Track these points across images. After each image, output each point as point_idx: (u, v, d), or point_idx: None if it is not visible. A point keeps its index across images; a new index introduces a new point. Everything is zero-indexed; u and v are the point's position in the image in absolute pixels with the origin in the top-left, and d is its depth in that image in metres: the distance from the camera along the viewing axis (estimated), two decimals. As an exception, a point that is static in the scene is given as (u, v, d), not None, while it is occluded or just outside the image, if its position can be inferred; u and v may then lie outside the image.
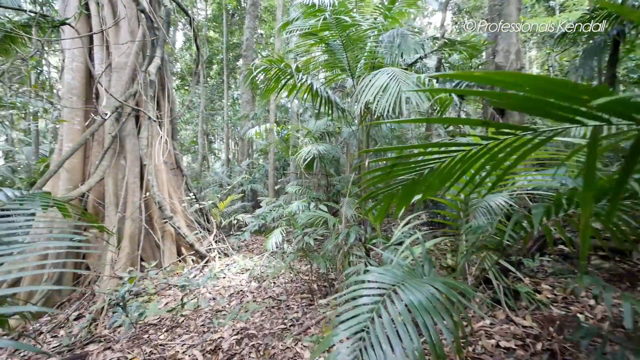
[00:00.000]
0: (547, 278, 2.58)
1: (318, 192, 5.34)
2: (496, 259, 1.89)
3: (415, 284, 1.16)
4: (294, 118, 9.25)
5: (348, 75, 3.18)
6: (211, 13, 14.15)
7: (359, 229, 2.96)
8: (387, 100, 1.97)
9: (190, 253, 4.86)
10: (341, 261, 2.97)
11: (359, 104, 2.09)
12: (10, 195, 1.08)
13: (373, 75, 2.21)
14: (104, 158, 4.12)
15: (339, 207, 3.77)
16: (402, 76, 2.09)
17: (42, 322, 3.61)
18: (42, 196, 1.19)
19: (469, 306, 1.23)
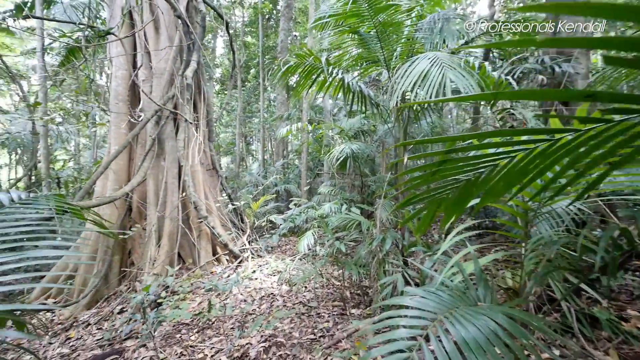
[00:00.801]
0: (634, 301, 2.09)
1: (352, 193, 5.11)
2: (564, 274, 1.53)
3: (468, 314, 0.91)
4: (328, 118, 9.11)
5: (383, 67, 2.92)
6: (248, 18, 14.55)
7: (395, 234, 2.69)
8: (428, 88, 1.71)
9: (225, 253, 4.93)
10: (376, 269, 2.73)
11: (395, 95, 1.84)
12: (15, 197, 1.07)
13: (411, 62, 1.95)
14: (145, 160, 4.32)
15: (374, 210, 3.52)
16: (446, 60, 1.81)
17: (91, 313, 3.86)
18: (56, 199, 1.17)
19: (542, 348, 0.95)
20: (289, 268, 4.46)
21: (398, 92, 1.86)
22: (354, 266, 2.62)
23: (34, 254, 0.75)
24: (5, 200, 0.97)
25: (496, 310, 0.95)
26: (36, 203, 1.04)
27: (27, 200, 1.05)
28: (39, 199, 1.10)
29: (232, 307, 2.35)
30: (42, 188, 6.93)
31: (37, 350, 3.15)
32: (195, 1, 4.90)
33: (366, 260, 2.85)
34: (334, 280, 3.92)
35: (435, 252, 2.36)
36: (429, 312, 0.92)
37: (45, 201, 1.09)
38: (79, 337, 3.29)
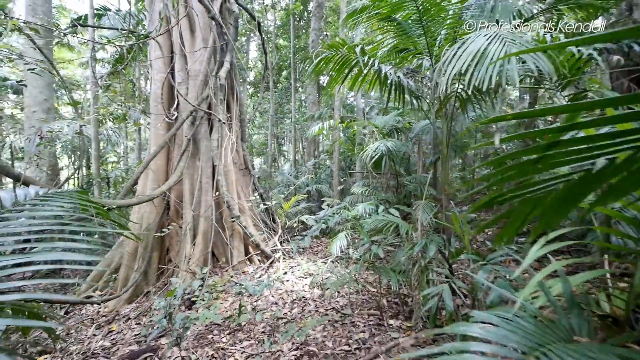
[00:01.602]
0: None
1: (387, 194, 4.83)
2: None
3: (570, 355, 0.66)
4: (360, 116, 8.84)
5: (425, 54, 2.65)
6: (279, 19, 14.72)
7: (439, 239, 2.41)
8: (487, 70, 1.43)
9: (257, 252, 4.91)
10: (417, 277, 2.47)
11: (444, 81, 1.59)
12: (32, 193, 1.02)
13: (462, 42, 1.68)
14: (181, 159, 4.42)
15: (412, 211, 3.23)
16: (508, 36, 1.52)
17: (131, 307, 4.02)
18: (78, 196, 1.12)
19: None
20: (321, 271, 4.30)
21: (446, 78, 1.60)
22: (392, 273, 2.38)
23: (41, 257, 0.67)
24: (19, 196, 0.92)
25: (607, 350, 0.70)
26: (56, 200, 1.00)
27: (45, 198, 1.01)
28: (59, 196, 1.05)
29: (262, 312, 2.23)
30: (94, 188, 7.50)
31: (83, 340, 3.31)
32: (228, 2, 4.95)
33: (405, 267, 2.59)
34: (368, 285, 3.69)
35: (489, 262, 2.05)
36: (512, 350, 0.69)
37: (69, 198, 1.05)
38: (120, 330, 3.41)
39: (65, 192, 1.11)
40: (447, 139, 2.86)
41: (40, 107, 7.00)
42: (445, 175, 2.95)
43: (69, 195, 1.07)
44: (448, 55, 1.68)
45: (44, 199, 0.97)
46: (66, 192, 1.11)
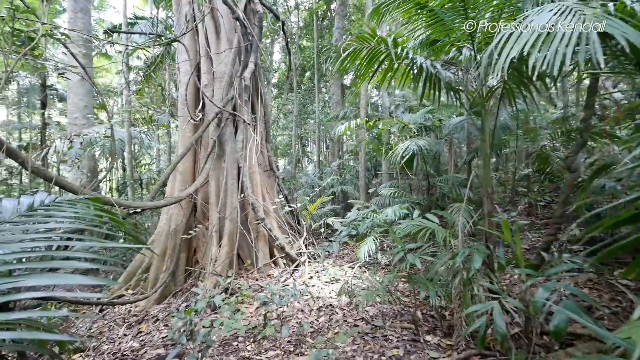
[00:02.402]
0: None
1: (417, 196, 4.54)
2: None
3: None
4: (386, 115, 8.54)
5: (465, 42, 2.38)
6: (302, 20, 14.72)
7: (484, 248, 2.14)
8: (557, 50, 1.18)
9: (282, 255, 4.82)
10: (458, 290, 2.21)
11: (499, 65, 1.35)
12: (37, 202, 0.94)
13: (521, 20, 1.43)
14: (207, 161, 4.43)
15: (449, 216, 2.96)
16: (582, 8, 1.25)
17: (160, 308, 4.06)
18: (84, 202, 1.03)
19: None
20: (349, 278, 4.11)
21: (501, 63, 1.36)
22: (430, 285, 2.15)
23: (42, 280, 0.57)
24: (8, 208, 0.82)
25: None
26: (60, 210, 0.91)
27: (51, 207, 0.93)
28: (67, 205, 0.97)
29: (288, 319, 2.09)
30: (128, 189, 7.83)
31: (114, 340, 3.37)
32: (253, 3, 4.91)
33: (445, 279, 2.34)
34: (399, 294, 3.45)
35: (548, 277, 1.76)
36: None
37: (81, 207, 0.96)
38: (149, 331, 3.44)
39: (73, 200, 1.04)
40: (490, 136, 2.56)
41: (80, 113, 7.42)
42: (487, 176, 2.66)
43: (75, 205, 0.99)
44: (502, 36, 1.44)
45: (47, 209, 0.90)
46: (74, 200, 1.04)
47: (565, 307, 1.50)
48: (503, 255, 2.06)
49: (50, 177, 2.83)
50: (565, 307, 1.50)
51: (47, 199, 0.96)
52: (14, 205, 0.83)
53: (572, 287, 1.67)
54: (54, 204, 0.93)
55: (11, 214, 0.77)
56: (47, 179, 2.96)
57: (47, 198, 0.97)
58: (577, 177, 2.87)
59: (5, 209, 0.79)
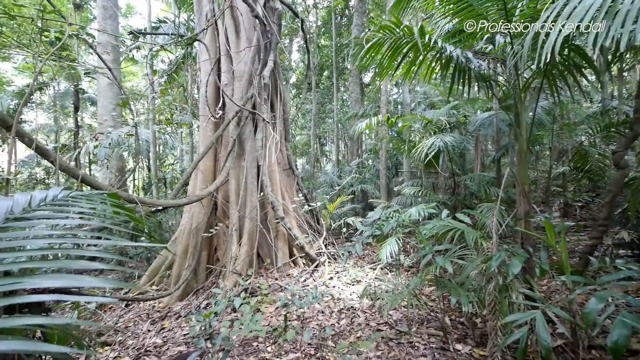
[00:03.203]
0: None
1: (443, 195, 4.33)
2: None
3: None
4: (407, 112, 8.30)
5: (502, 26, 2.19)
6: (321, 18, 14.64)
7: (523, 252, 1.95)
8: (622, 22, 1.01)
9: (301, 255, 4.76)
10: (492, 297, 2.04)
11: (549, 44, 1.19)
12: (50, 196, 0.90)
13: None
14: (227, 160, 4.44)
15: (479, 215, 2.77)
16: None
17: (182, 305, 4.12)
18: (100, 196, 0.99)
19: None
20: (371, 280, 3.98)
21: (551, 43, 1.20)
22: (461, 291, 1.99)
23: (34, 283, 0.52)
24: (20, 203, 0.78)
25: None
26: (72, 205, 0.87)
27: (62, 202, 0.89)
28: (81, 199, 0.94)
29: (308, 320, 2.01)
30: (153, 188, 8.08)
31: (139, 335, 3.44)
32: (272, 1, 4.88)
33: (477, 284, 2.17)
34: (425, 298, 3.29)
35: (601, 286, 1.57)
36: None
37: (97, 200, 0.92)
38: (171, 328, 3.48)
39: (90, 194, 1.01)
40: (528, 130, 2.36)
41: (109, 115, 7.75)
42: (524, 174, 2.45)
43: (91, 199, 0.96)
44: (552, 11, 1.27)
45: (63, 203, 0.86)
46: (91, 194, 1.01)
47: (629, 319, 1.32)
48: (545, 259, 1.87)
49: (77, 174, 2.92)
50: (629, 319, 1.32)
51: (61, 193, 0.93)
52: (25, 199, 0.80)
53: (630, 297, 1.47)
54: (68, 198, 0.90)
55: (22, 209, 0.75)
56: (74, 176, 3.06)
57: (61, 193, 0.94)
58: (626, 174, 2.59)
59: (17, 204, 0.77)
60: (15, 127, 2.62)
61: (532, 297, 1.83)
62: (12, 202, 0.73)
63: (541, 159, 8.71)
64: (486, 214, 3.20)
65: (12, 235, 0.61)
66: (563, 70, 2.02)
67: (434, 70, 2.87)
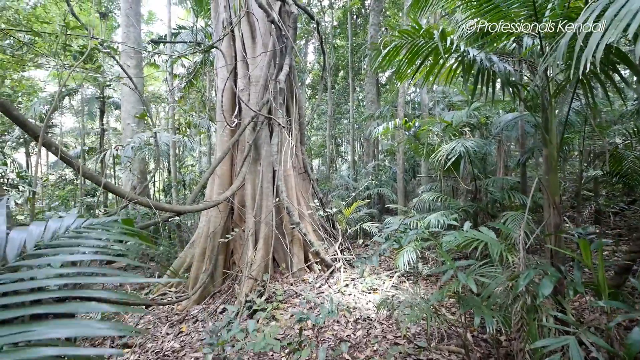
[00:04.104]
0: None
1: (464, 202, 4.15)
2: None
3: None
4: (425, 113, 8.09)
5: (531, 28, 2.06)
6: (336, 18, 14.56)
7: (554, 270, 1.82)
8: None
9: (317, 260, 4.72)
10: (519, 316, 1.91)
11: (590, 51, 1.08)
12: (64, 227, 0.89)
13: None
14: (243, 165, 4.47)
15: (508, 229, 2.63)
16: None
17: (200, 308, 4.18)
18: (110, 225, 0.99)
19: None
20: (388, 287, 3.89)
21: (591, 50, 1.09)
22: (485, 310, 1.88)
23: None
24: (33, 236, 0.76)
25: None
26: (86, 237, 0.86)
27: (76, 233, 0.89)
28: (96, 228, 0.94)
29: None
30: (172, 190, 8.30)
31: (158, 338, 3.52)
32: (287, 4, 4.86)
33: (503, 302, 2.05)
34: (445, 310, 3.16)
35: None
36: None
37: (115, 229, 0.92)
38: (189, 332, 3.54)
39: (104, 222, 1.01)
40: (558, 137, 2.20)
41: (132, 119, 8.03)
42: (555, 183, 2.29)
43: (109, 227, 0.96)
44: (589, 14, 1.15)
45: (78, 234, 0.86)
46: (105, 222, 1.01)
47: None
48: (580, 279, 1.72)
49: (99, 182, 3.01)
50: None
51: (75, 222, 0.93)
52: (39, 231, 0.80)
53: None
54: (82, 228, 0.90)
55: (34, 244, 0.74)
56: (97, 183, 3.16)
57: (75, 222, 0.94)
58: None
59: (31, 236, 0.76)
60: (42, 137, 2.73)
61: (565, 320, 1.70)
62: (26, 235, 0.73)
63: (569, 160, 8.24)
64: (511, 225, 3.04)
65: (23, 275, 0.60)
66: (597, 72, 1.86)
67: (455, 73, 2.75)
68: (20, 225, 0.81)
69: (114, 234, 0.92)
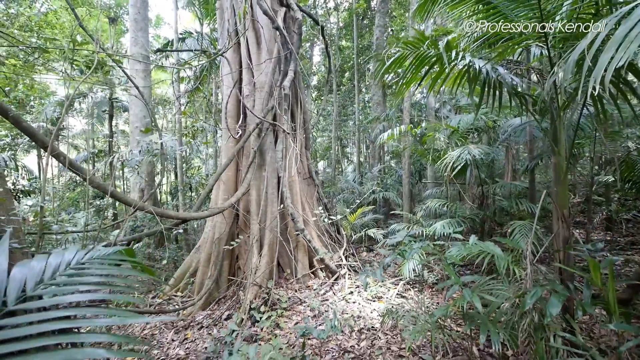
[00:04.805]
0: None
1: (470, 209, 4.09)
2: None
3: None
4: (431, 115, 8.01)
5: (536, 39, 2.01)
6: (342, 20, 14.54)
7: (563, 289, 1.77)
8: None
9: (321, 267, 4.71)
10: (527, 334, 1.87)
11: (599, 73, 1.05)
12: (63, 263, 0.88)
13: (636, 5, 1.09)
14: (248, 171, 4.48)
15: (516, 244, 2.58)
16: None
17: (205, 314, 4.21)
18: (111, 258, 0.98)
19: None
20: (393, 295, 3.85)
21: (600, 72, 1.05)
22: (491, 327, 1.84)
23: None
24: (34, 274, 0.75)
25: None
26: (92, 271, 0.86)
27: (77, 270, 0.88)
28: (99, 261, 0.93)
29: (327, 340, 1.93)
30: (179, 194, 8.39)
31: (163, 345, 3.55)
32: (292, 10, 4.87)
33: (508, 317, 2.01)
34: (450, 321, 3.12)
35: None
36: None
37: (113, 260, 0.92)
38: (194, 339, 3.56)
39: (105, 256, 1.01)
40: (567, 148, 2.15)
41: (140, 122, 8.14)
42: (564, 196, 2.24)
43: (111, 259, 0.96)
44: (597, 33, 1.11)
45: (80, 269, 0.86)
46: (106, 255, 1.01)
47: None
48: (589, 298, 1.68)
49: (107, 190, 3.05)
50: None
51: (76, 256, 0.93)
52: (39, 268, 0.79)
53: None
54: (83, 264, 0.90)
55: (34, 285, 0.74)
56: (104, 191, 3.21)
57: (77, 255, 0.94)
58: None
59: (31, 274, 0.75)
60: (51, 147, 2.78)
61: (574, 342, 1.65)
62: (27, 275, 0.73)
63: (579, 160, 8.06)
64: (519, 236, 2.99)
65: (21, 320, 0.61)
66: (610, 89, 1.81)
67: (461, 81, 2.71)
68: (24, 257, 0.82)
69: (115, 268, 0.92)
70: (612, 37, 1.12)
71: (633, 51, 0.98)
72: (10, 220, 1.83)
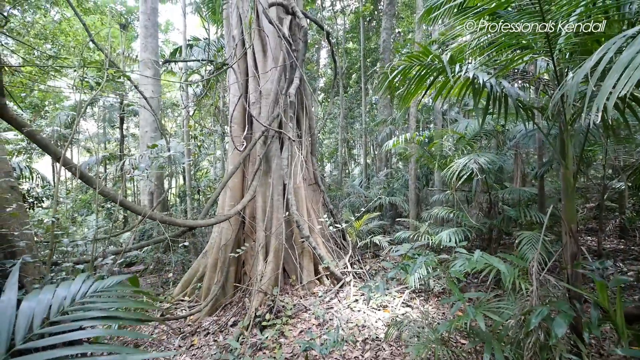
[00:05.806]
0: None
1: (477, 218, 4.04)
2: None
3: None
4: (438, 119, 7.93)
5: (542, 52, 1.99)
6: (349, 22, 14.53)
7: (569, 308, 1.74)
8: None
9: (326, 273, 4.72)
10: (532, 352, 1.85)
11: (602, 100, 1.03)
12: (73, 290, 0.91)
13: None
14: (254, 178, 4.53)
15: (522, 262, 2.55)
16: None
17: (211, 320, 4.26)
18: (117, 290, 1.01)
19: None
20: (398, 305, 3.84)
21: (603, 99, 1.03)
22: (496, 345, 1.82)
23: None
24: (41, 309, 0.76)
25: None
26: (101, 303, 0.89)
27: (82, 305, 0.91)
28: (105, 293, 0.96)
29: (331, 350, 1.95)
30: (187, 198, 8.51)
31: (170, 350, 3.61)
32: (298, 18, 4.90)
33: (515, 336, 1.98)
34: (455, 332, 3.09)
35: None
36: None
37: (118, 296, 0.93)
38: (200, 346, 3.61)
39: (109, 288, 1.04)
40: (575, 162, 2.11)
41: (150, 127, 8.30)
42: (571, 210, 2.20)
43: (115, 289, 0.99)
44: (602, 56, 1.09)
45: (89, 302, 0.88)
46: (114, 284, 1.04)
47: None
48: (597, 320, 1.64)
49: (115, 199, 3.13)
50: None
51: (82, 288, 0.96)
52: (46, 303, 0.82)
53: None
54: (91, 295, 0.93)
55: (41, 321, 0.77)
56: (113, 200, 3.30)
57: (82, 286, 0.97)
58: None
59: (39, 310, 0.77)
60: (64, 159, 2.87)
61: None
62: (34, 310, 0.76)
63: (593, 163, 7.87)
64: (526, 248, 2.94)
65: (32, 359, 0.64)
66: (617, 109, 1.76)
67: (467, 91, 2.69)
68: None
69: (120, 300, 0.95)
70: (616, 61, 1.10)
71: (637, 79, 0.96)
72: (24, 234, 1.91)
